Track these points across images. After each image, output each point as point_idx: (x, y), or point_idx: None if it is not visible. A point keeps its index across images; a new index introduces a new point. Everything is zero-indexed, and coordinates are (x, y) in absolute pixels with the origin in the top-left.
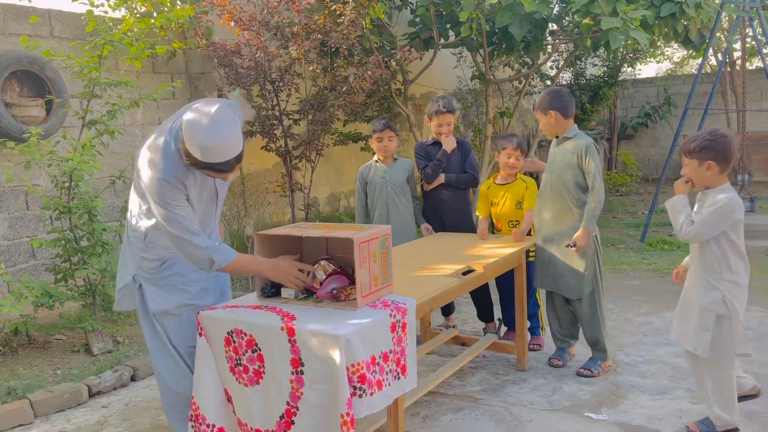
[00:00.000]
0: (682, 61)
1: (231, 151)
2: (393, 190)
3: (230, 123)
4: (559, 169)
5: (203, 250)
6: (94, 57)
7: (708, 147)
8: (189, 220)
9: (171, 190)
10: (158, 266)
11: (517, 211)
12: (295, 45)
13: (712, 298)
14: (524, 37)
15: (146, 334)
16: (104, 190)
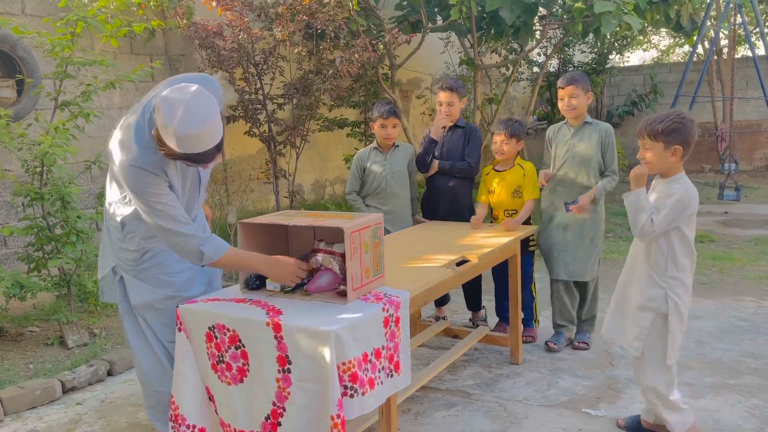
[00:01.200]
0: (668, 50)
1: (209, 140)
2: (393, 179)
3: (208, 110)
4: (580, 157)
5: (192, 240)
6: (66, 35)
7: (677, 130)
8: (173, 208)
9: (148, 177)
10: (138, 257)
11: (514, 199)
12: (280, 26)
13: (652, 295)
14: (513, 22)
15: (127, 330)
16: (79, 175)
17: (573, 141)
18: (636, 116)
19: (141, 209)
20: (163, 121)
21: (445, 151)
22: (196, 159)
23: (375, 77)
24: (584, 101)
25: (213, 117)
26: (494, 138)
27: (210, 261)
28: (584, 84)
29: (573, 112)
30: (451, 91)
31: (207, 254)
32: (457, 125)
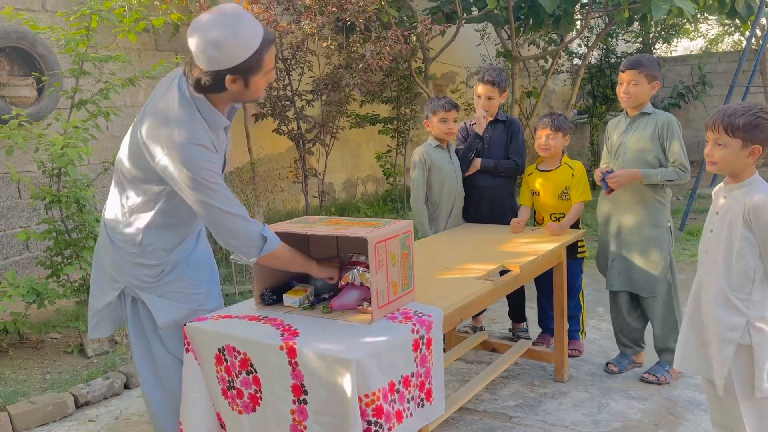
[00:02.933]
0: (717, 39)
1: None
2: (458, 179)
3: (238, 10)
4: (633, 151)
5: (253, 226)
6: (81, 29)
7: (760, 126)
8: (229, 190)
9: (208, 155)
10: (159, 272)
11: (561, 202)
12: (308, 20)
13: (732, 324)
14: (554, 11)
15: (137, 359)
16: (98, 176)
17: (627, 133)
18: (683, 108)
19: (195, 196)
20: (198, 42)
21: (486, 148)
22: (249, 66)
23: (407, 71)
24: (646, 90)
25: (245, 14)
26: (538, 133)
27: (269, 251)
28: (651, 70)
29: (629, 100)
30: (492, 85)
31: (270, 240)
32: (498, 119)
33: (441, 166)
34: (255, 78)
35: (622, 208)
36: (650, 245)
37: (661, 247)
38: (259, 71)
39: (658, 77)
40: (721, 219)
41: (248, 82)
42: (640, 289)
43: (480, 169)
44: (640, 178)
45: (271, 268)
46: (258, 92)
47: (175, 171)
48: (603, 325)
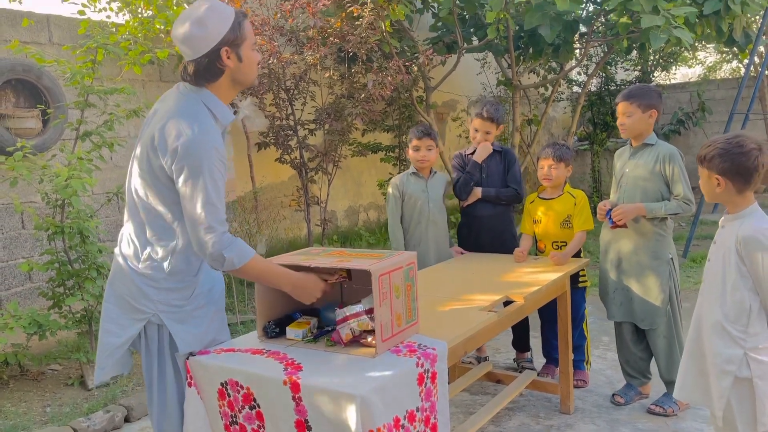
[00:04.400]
0: (715, 66)
1: (226, 7)
2: (434, 207)
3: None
4: (633, 181)
5: (220, 241)
6: (86, 62)
7: (722, 156)
8: (221, 201)
9: (220, 162)
10: (189, 294)
11: (563, 230)
12: (311, 50)
13: (729, 356)
14: (553, 40)
15: (155, 393)
16: (101, 207)
17: (629, 163)
18: (683, 135)
19: (190, 195)
20: (182, 29)
21: (485, 177)
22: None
23: (409, 100)
24: (642, 119)
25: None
26: (540, 163)
27: (232, 268)
28: (644, 100)
29: (625, 132)
30: (491, 121)
31: (229, 259)
32: (494, 149)
33: (413, 194)
34: (245, 50)
35: (622, 238)
36: (650, 277)
37: (661, 280)
38: (245, 40)
39: (654, 105)
40: (717, 249)
41: (240, 54)
42: (640, 321)
43: (480, 198)
44: (645, 212)
45: (274, 299)
46: (252, 69)
47: (189, 166)
48: (608, 354)
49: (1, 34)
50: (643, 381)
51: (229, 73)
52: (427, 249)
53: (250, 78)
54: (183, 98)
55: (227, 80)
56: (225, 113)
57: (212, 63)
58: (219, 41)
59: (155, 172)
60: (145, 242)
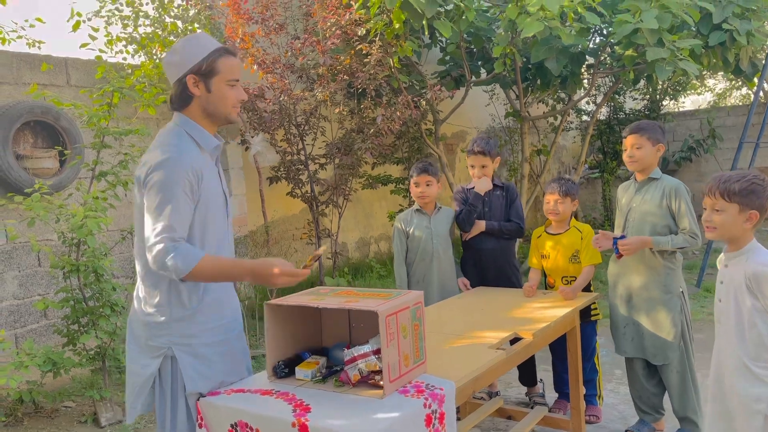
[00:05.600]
0: (725, 93)
1: (209, 41)
2: (438, 243)
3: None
4: (641, 216)
5: (160, 252)
6: (103, 105)
7: (756, 192)
8: (178, 221)
9: (191, 184)
10: (202, 324)
11: (572, 265)
12: (321, 87)
13: (757, 394)
14: (561, 72)
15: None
16: (116, 244)
17: (636, 198)
18: (694, 162)
19: (149, 213)
20: (170, 57)
21: (486, 211)
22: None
23: (418, 133)
24: (650, 153)
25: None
26: (546, 198)
27: (181, 274)
28: (652, 134)
29: (634, 164)
30: (483, 155)
31: (172, 265)
32: (495, 184)
33: (417, 230)
34: (215, 82)
35: (631, 272)
36: (661, 311)
37: (672, 314)
38: (217, 74)
39: (662, 140)
40: (726, 288)
41: (209, 85)
42: (652, 357)
43: (484, 231)
44: (651, 245)
45: (284, 339)
46: (223, 103)
47: (149, 190)
48: (621, 388)
49: (20, 77)
50: (657, 417)
51: (198, 102)
52: (431, 285)
53: (220, 111)
54: (164, 129)
55: (198, 109)
56: (206, 139)
57: (183, 90)
58: (188, 69)
59: (141, 208)
60: (147, 279)
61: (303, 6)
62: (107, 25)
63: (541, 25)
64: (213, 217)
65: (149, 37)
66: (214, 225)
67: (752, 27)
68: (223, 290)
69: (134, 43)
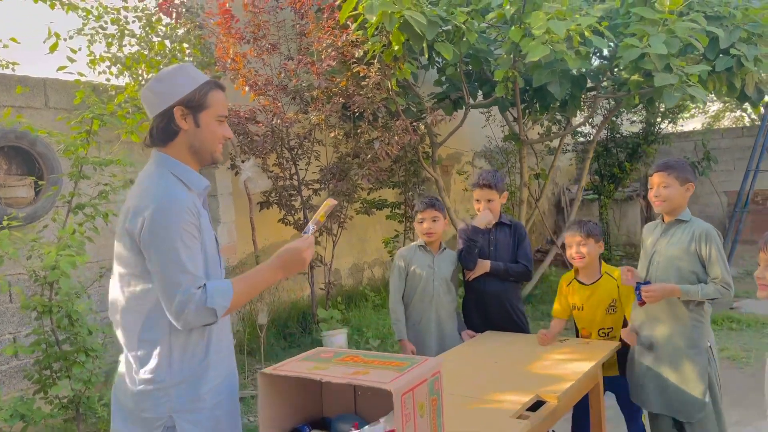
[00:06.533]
0: (718, 115)
1: (198, 73)
2: (440, 285)
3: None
4: (667, 261)
5: (199, 305)
6: (81, 133)
7: None
8: (196, 262)
9: (192, 227)
10: (204, 386)
11: (609, 316)
12: (315, 110)
13: None
14: None
15: None
16: (93, 282)
17: (661, 241)
18: None
19: (161, 269)
20: (159, 77)
21: (492, 250)
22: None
23: (415, 156)
24: (679, 193)
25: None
26: (567, 242)
27: (224, 311)
28: (680, 172)
29: (662, 204)
30: (490, 188)
31: (219, 307)
32: (503, 222)
33: (419, 267)
34: (204, 116)
35: (655, 322)
36: (687, 367)
37: (699, 370)
38: (207, 108)
39: (691, 180)
40: None
41: (198, 119)
42: (677, 413)
43: (489, 272)
44: (679, 294)
45: (279, 411)
46: (212, 139)
47: (150, 235)
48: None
49: None
50: None
51: (185, 137)
52: (428, 328)
53: (208, 148)
54: (146, 173)
55: (184, 146)
56: (195, 180)
57: (168, 123)
58: (176, 101)
59: (131, 260)
60: (137, 341)
61: (297, 26)
62: (90, 44)
63: (547, 49)
64: (210, 264)
65: (134, 57)
66: (211, 270)
67: (759, 52)
68: (225, 333)
69: (118, 63)
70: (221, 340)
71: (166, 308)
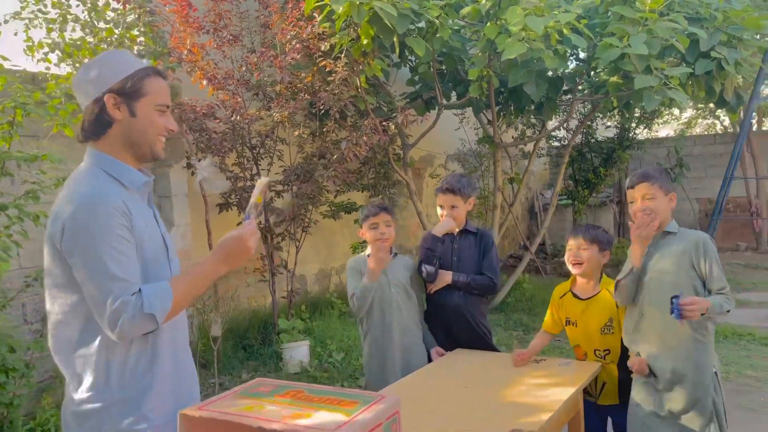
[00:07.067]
0: (690, 122)
1: (134, 59)
2: (398, 293)
3: None
4: (659, 276)
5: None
6: (3, 125)
7: None
8: (128, 266)
9: (121, 229)
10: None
11: (603, 337)
12: (279, 106)
13: None
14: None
15: None
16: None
17: (650, 257)
18: None
19: (88, 276)
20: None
21: (455, 261)
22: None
23: (385, 158)
24: (665, 204)
25: None
26: (569, 244)
27: (165, 315)
28: (664, 182)
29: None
30: (453, 193)
31: (159, 312)
32: (467, 230)
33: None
34: (141, 105)
35: (651, 342)
36: (689, 394)
37: (703, 398)
38: (144, 96)
39: (672, 188)
40: None
41: (133, 108)
42: None
43: (450, 285)
44: (709, 305)
45: None
46: (152, 129)
47: (71, 240)
48: None
49: None
50: None
51: (120, 129)
52: (391, 344)
53: (147, 140)
54: (75, 173)
55: (119, 139)
56: (130, 175)
57: (101, 113)
58: (108, 87)
59: (57, 269)
60: (70, 357)
61: (261, 17)
62: (27, 28)
63: (524, 47)
64: (152, 267)
65: (75, 44)
66: (155, 277)
67: (740, 56)
68: (179, 343)
69: (57, 49)
70: (173, 350)
71: (99, 320)
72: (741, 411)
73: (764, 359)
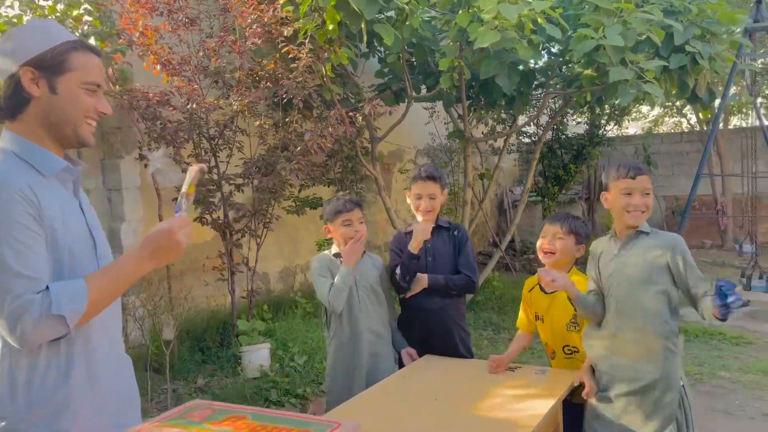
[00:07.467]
0: (657, 120)
1: (59, 30)
2: (366, 294)
3: None
4: (629, 281)
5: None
6: None
7: None
8: (34, 260)
9: (12, 206)
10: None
11: (569, 334)
12: (238, 94)
13: None
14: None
15: None
16: None
17: (619, 259)
18: None
19: None
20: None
21: (430, 261)
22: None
23: (353, 151)
24: (652, 201)
25: None
26: (544, 230)
27: (78, 317)
28: (649, 176)
29: (644, 215)
30: (434, 181)
31: (69, 313)
32: (440, 226)
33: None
34: (63, 81)
35: (620, 352)
36: (654, 408)
37: (664, 409)
38: (68, 72)
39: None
40: None
41: (54, 84)
42: None
43: (426, 288)
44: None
45: None
46: (76, 109)
47: None
48: None
49: None
50: None
51: (38, 107)
52: (358, 347)
53: (69, 120)
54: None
55: (36, 119)
56: (46, 159)
57: (16, 89)
58: (24, 60)
59: None
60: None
61: (220, 0)
62: None
63: (497, 35)
64: (69, 264)
65: (11, 21)
66: (81, 270)
67: (714, 50)
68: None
69: None
70: (98, 357)
71: (3, 327)
72: (718, 415)
73: (736, 359)
